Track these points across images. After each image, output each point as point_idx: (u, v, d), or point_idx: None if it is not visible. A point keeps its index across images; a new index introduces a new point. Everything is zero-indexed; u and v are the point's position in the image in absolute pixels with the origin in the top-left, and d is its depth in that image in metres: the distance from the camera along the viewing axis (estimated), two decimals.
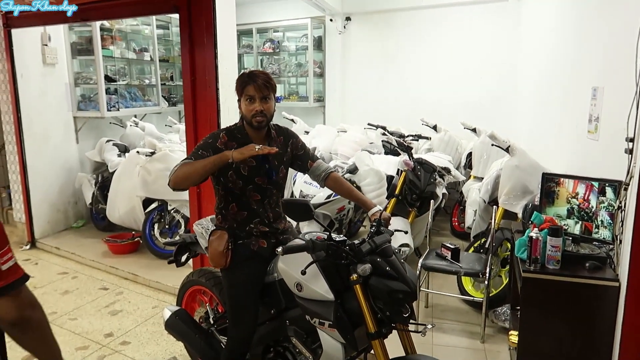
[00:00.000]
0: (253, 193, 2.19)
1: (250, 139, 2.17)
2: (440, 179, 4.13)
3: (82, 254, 4.77)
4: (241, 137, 2.18)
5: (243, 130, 2.19)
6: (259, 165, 2.19)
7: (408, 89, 6.58)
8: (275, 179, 2.25)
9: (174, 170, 2.04)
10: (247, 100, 2.11)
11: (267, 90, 2.11)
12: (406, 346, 2.00)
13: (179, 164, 2.05)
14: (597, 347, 2.38)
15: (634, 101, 2.18)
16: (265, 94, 2.11)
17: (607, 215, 2.47)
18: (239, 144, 2.13)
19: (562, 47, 4.03)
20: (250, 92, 2.10)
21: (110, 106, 5.56)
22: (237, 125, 2.22)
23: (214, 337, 2.58)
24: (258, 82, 2.09)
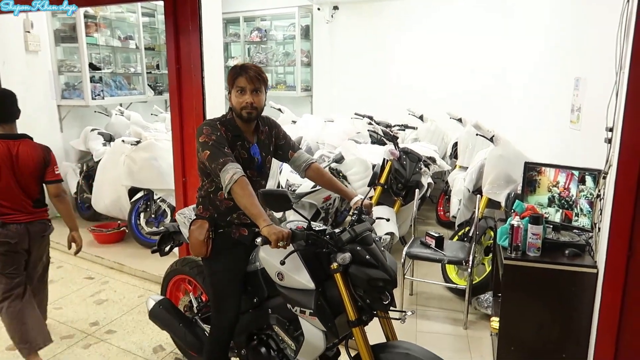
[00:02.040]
0: None
1: (241, 131, 2.15)
2: (425, 168, 4.15)
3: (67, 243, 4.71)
4: (232, 129, 2.15)
5: (233, 123, 2.16)
6: (250, 158, 2.18)
7: (396, 79, 6.58)
8: (263, 170, 2.26)
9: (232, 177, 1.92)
10: (238, 91, 2.09)
11: (258, 83, 2.09)
12: (387, 333, 2.02)
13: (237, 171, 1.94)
14: (575, 331, 2.44)
15: (614, 91, 2.20)
16: (256, 87, 2.08)
17: (586, 203, 2.51)
18: (233, 136, 2.13)
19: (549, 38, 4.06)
20: (242, 83, 2.07)
21: (95, 95, 5.49)
22: (227, 118, 2.18)
23: (197, 325, 2.59)
24: (250, 73, 2.06)
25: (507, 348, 2.57)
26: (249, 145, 2.18)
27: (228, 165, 1.96)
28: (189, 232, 2.26)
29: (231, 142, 2.12)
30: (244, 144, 2.17)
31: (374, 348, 1.88)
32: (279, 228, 1.81)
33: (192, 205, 2.61)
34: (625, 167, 2.11)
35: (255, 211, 1.89)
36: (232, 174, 1.94)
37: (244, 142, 2.17)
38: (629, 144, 2.09)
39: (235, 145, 2.14)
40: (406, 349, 1.84)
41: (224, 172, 1.96)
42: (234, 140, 2.14)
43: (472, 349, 2.99)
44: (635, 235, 2.12)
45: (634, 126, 2.07)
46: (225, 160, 1.98)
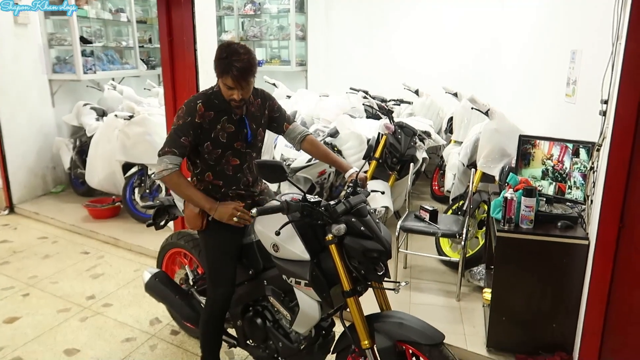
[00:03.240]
0: (232, 158, 2.17)
1: (228, 105, 2.10)
2: (420, 142, 4.15)
3: (61, 218, 4.74)
4: (219, 103, 2.10)
5: (220, 96, 2.10)
6: (238, 130, 2.15)
7: (391, 53, 6.51)
8: (253, 142, 2.23)
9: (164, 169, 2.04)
10: (226, 86, 2.02)
11: (245, 81, 2.00)
12: (381, 303, 2.04)
13: (170, 168, 2.04)
14: (565, 302, 2.48)
15: (609, 63, 2.19)
16: (244, 84, 2.01)
17: (579, 176, 2.53)
18: (216, 112, 2.08)
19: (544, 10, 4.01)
20: (229, 82, 1.99)
21: (87, 69, 5.42)
22: (215, 90, 2.12)
23: (193, 297, 2.61)
24: (236, 73, 1.95)
25: (498, 318, 2.62)
26: (236, 117, 2.14)
27: (165, 157, 2.05)
28: (183, 205, 2.26)
29: (213, 120, 2.08)
30: (231, 117, 2.13)
31: (368, 318, 1.91)
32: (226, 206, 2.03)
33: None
34: (619, 139, 2.11)
35: (199, 201, 2.08)
36: (163, 168, 2.04)
37: (231, 115, 2.12)
38: (624, 115, 2.09)
39: (220, 121, 2.10)
40: (400, 319, 1.87)
41: (160, 162, 2.06)
42: (219, 116, 2.10)
43: (464, 320, 3.04)
44: (627, 207, 2.14)
45: (629, 98, 2.06)
46: (167, 151, 2.05)
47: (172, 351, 2.78)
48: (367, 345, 1.86)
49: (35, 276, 3.66)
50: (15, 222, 4.87)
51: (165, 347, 2.82)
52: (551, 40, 3.67)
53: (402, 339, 1.82)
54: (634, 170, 2.11)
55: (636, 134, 2.08)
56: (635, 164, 2.10)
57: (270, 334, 2.22)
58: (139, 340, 2.89)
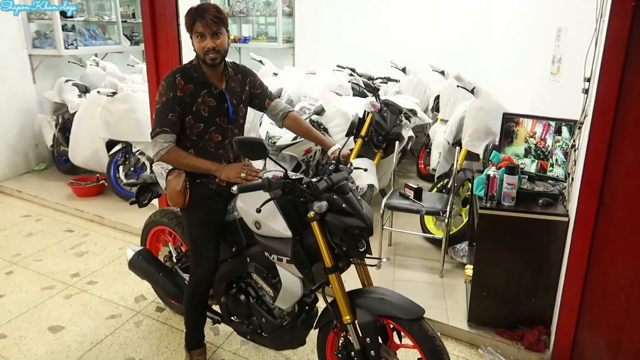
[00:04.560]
0: (214, 135, 2.16)
1: (207, 78, 2.11)
2: (406, 120, 4.15)
3: (45, 196, 4.69)
4: (198, 76, 2.10)
5: (199, 69, 2.11)
6: (219, 105, 2.14)
7: (379, 31, 6.44)
8: (235, 118, 2.22)
9: (161, 149, 2.03)
10: (198, 37, 2.02)
11: (216, 26, 2.00)
12: (363, 279, 2.06)
13: (165, 146, 2.03)
14: (545, 277, 2.53)
15: (593, 40, 2.19)
16: (215, 30, 2.01)
17: (561, 154, 2.55)
18: (195, 85, 2.08)
19: None
20: (199, 29, 2.00)
21: (68, 44, 5.29)
22: (193, 64, 2.13)
23: (177, 275, 2.62)
24: (207, 18, 1.98)
25: (479, 294, 2.66)
26: (216, 91, 2.13)
27: (159, 138, 2.03)
28: (166, 182, 2.24)
29: (193, 94, 2.08)
30: (211, 91, 2.12)
31: (349, 294, 1.93)
32: (234, 166, 1.99)
33: None
34: (600, 117, 2.13)
35: (204, 165, 2.06)
36: (159, 148, 2.03)
37: (211, 88, 2.12)
38: (605, 93, 2.09)
39: (200, 95, 2.10)
40: (381, 294, 1.89)
41: (154, 143, 2.04)
42: (198, 90, 2.09)
43: (446, 295, 3.09)
44: (607, 184, 2.17)
45: (611, 76, 2.07)
46: (159, 131, 2.04)
47: (157, 327, 2.80)
48: (348, 320, 1.89)
49: (19, 254, 3.64)
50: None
51: (150, 323, 2.84)
52: (537, 18, 3.66)
53: (382, 313, 1.85)
54: (614, 148, 2.13)
55: (617, 111, 2.09)
56: (615, 141, 2.12)
57: (253, 310, 2.23)
58: (124, 317, 2.89)
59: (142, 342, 2.67)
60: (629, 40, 2.01)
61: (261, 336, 2.26)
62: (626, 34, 2.01)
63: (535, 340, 2.52)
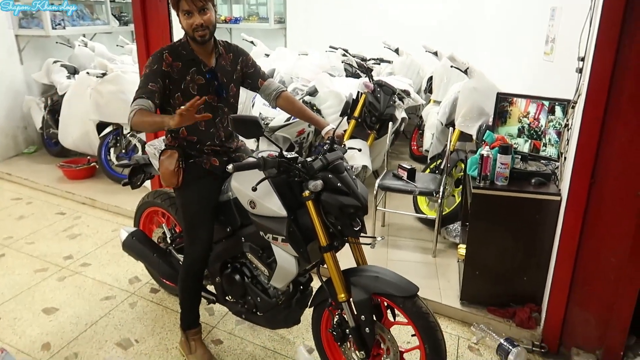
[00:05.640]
0: (204, 113, 2.13)
1: (196, 55, 2.08)
2: (399, 101, 4.13)
3: (36, 179, 4.65)
4: (187, 53, 2.08)
5: (188, 47, 2.08)
6: (208, 82, 2.12)
7: (372, 12, 6.36)
8: (226, 97, 2.20)
9: (131, 111, 1.91)
10: (185, 14, 1.98)
11: (202, 1, 1.96)
12: (357, 258, 2.08)
13: (135, 108, 1.91)
14: (537, 256, 2.56)
15: (587, 20, 2.18)
16: (201, 5, 1.97)
17: (554, 133, 2.56)
18: (184, 62, 2.06)
19: None
20: (185, 6, 1.96)
21: (56, 24, 5.20)
22: (182, 42, 2.10)
23: (171, 255, 2.61)
24: None
25: (472, 273, 2.69)
26: (205, 68, 2.11)
27: (134, 103, 1.93)
28: (159, 162, 2.23)
29: (181, 71, 2.05)
30: (200, 68, 2.10)
31: (344, 273, 1.94)
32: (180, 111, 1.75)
33: (162, 137, 2.56)
34: (593, 96, 2.13)
35: (159, 119, 1.87)
36: (130, 111, 1.91)
37: (200, 65, 2.10)
38: (599, 72, 2.09)
39: (189, 72, 2.07)
40: (375, 272, 1.91)
41: (130, 110, 1.93)
42: (187, 67, 2.07)
43: (439, 274, 3.12)
44: (599, 163, 2.18)
45: (605, 55, 2.06)
46: (136, 97, 1.95)
47: (152, 308, 2.81)
48: (343, 298, 1.90)
49: (11, 237, 3.62)
50: None
51: (145, 304, 2.84)
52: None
53: (377, 291, 1.86)
54: (607, 127, 2.13)
55: (610, 91, 2.09)
56: (608, 120, 2.12)
57: (248, 290, 2.24)
58: (119, 298, 2.90)
59: (137, 323, 2.68)
60: (623, 18, 2.01)
61: (256, 315, 2.28)
62: (621, 12, 2.00)
63: (526, 318, 2.56)
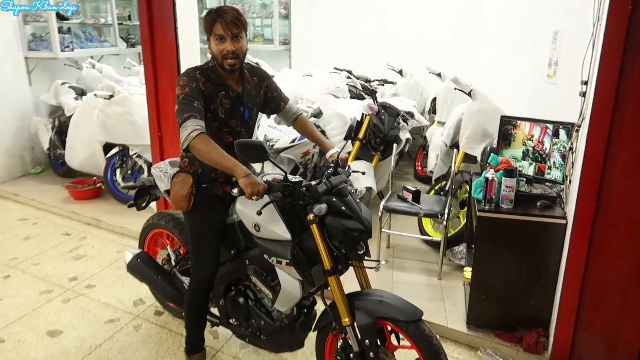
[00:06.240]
0: (226, 135, 2.12)
1: (224, 80, 2.07)
2: (403, 123, 4.16)
3: (42, 200, 4.67)
4: (215, 78, 2.05)
5: (216, 71, 2.06)
6: (234, 107, 2.11)
7: (376, 32, 6.45)
8: (248, 121, 2.20)
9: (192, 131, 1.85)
10: (217, 39, 1.97)
11: (237, 29, 1.96)
12: (361, 282, 2.07)
13: (196, 129, 1.85)
14: (543, 280, 2.53)
15: (590, 43, 2.21)
16: (235, 33, 1.96)
17: (559, 156, 2.56)
18: (213, 86, 2.04)
19: None
20: (219, 31, 1.95)
21: (64, 46, 5.29)
22: (210, 65, 2.08)
23: (176, 277, 2.61)
24: (226, 18, 1.94)
25: (478, 296, 2.67)
26: (233, 94, 2.10)
27: (188, 122, 1.87)
28: (171, 184, 2.22)
29: (212, 93, 2.04)
30: (228, 93, 2.08)
31: (348, 296, 1.93)
32: (256, 180, 1.79)
33: (168, 159, 2.58)
34: (597, 120, 2.14)
35: (229, 163, 1.83)
36: (190, 130, 1.85)
37: (228, 90, 2.08)
38: (602, 96, 2.11)
39: (218, 95, 2.05)
40: (379, 296, 1.90)
41: (183, 129, 1.87)
42: (216, 90, 2.05)
43: (445, 297, 3.10)
44: (604, 186, 2.18)
45: (608, 79, 2.08)
46: (188, 116, 1.88)
47: (156, 331, 2.79)
48: (347, 322, 1.89)
49: (16, 258, 3.62)
50: None
51: (149, 327, 2.83)
52: (534, 20, 3.67)
53: (381, 315, 1.85)
54: (611, 151, 2.14)
55: (614, 114, 2.10)
56: (613, 144, 2.13)
57: (252, 313, 2.23)
58: (123, 320, 2.88)
59: (141, 346, 2.66)
60: (625, 44, 2.03)
61: (260, 339, 2.26)
62: (623, 37, 2.03)
63: (533, 342, 2.53)
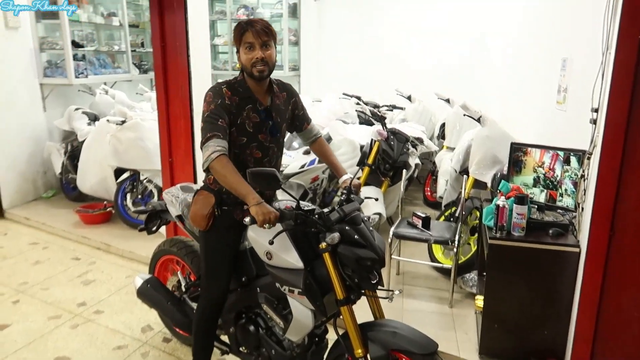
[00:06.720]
0: (255, 151, 2.11)
1: (252, 92, 2.08)
2: (413, 148, 4.17)
3: (52, 224, 4.70)
4: (243, 90, 2.07)
5: (244, 84, 2.08)
6: (263, 121, 2.11)
7: (384, 58, 6.54)
8: (278, 137, 2.19)
9: (213, 152, 1.88)
10: (247, 48, 1.99)
11: (266, 36, 1.98)
12: (375, 311, 2.05)
13: (217, 150, 1.88)
14: (557, 309, 2.49)
15: (600, 72, 2.22)
16: (265, 40, 1.98)
17: (570, 183, 2.55)
18: (240, 98, 2.05)
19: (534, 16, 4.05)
20: (249, 38, 1.98)
21: (79, 73, 5.39)
22: (238, 79, 2.10)
23: (186, 304, 2.59)
24: (257, 27, 1.97)
25: (490, 325, 2.63)
26: (261, 107, 2.10)
27: (210, 142, 1.90)
28: (192, 200, 2.22)
29: (238, 106, 2.04)
30: (256, 107, 2.08)
31: (362, 327, 1.91)
32: (267, 208, 1.79)
33: (179, 184, 2.61)
34: (609, 148, 2.14)
35: (243, 190, 1.85)
36: (211, 152, 1.88)
37: (256, 104, 2.08)
38: (614, 124, 2.11)
39: (244, 109, 2.06)
40: (394, 327, 1.87)
41: (205, 149, 1.91)
42: (243, 104, 2.06)
43: (457, 326, 3.05)
44: (618, 215, 2.16)
45: (619, 107, 2.09)
46: (210, 136, 1.91)
47: (164, 358, 2.77)
48: (360, 354, 1.86)
49: (26, 282, 3.63)
50: (6, 227, 4.82)
51: (157, 354, 2.80)
52: (542, 47, 3.70)
53: (395, 347, 1.82)
54: (624, 179, 2.13)
55: (626, 143, 2.10)
56: (625, 172, 2.12)
57: (263, 341, 2.21)
58: (131, 347, 2.86)
59: None
60: (635, 72, 2.04)
61: None
62: (632, 66, 2.04)
63: None
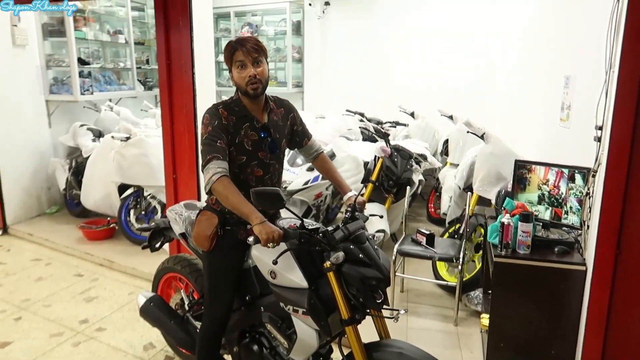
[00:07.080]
0: (256, 169, 2.12)
1: (248, 111, 2.09)
2: (416, 165, 4.17)
3: (56, 240, 4.70)
4: (239, 109, 2.08)
5: (240, 103, 2.09)
6: (261, 139, 2.11)
7: (387, 75, 6.57)
8: (277, 153, 2.19)
9: (214, 174, 1.89)
10: (239, 67, 2.00)
11: (257, 53, 1.99)
12: (380, 331, 2.02)
13: (218, 172, 1.89)
14: (563, 328, 2.46)
15: (603, 90, 2.23)
16: (255, 57, 1.99)
17: (575, 201, 2.54)
18: (237, 117, 2.06)
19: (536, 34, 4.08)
20: (240, 57, 1.99)
21: (84, 90, 5.44)
22: (233, 99, 2.11)
23: (189, 322, 2.58)
24: (247, 45, 1.99)
25: (496, 344, 2.60)
26: (259, 124, 2.11)
27: (210, 164, 1.91)
28: (195, 220, 2.22)
29: (236, 125, 2.05)
30: (253, 124, 2.09)
31: (367, 346, 1.89)
32: (271, 227, 1.79)
33: (183, 202, 2.61)
34: (614, 166, 2.13)
35: (246, 210, 1.85)
36: (211, 174, 1.89)
37: (253, 122, 2.09)
38: (618, 142, 2.11)
39: (242, 128, 2.06)
40: (399, 348, 1.85)
41: (206, 171, 1.92)
42: (240, 123, 2.06)
43: (462, 345, 3.02)
44: (624, 233, 2.15)
45: (623, 125, 2.09)
46: (210, 158, 1.93)
47: None
48: None
49: (28, 299, 3.61)
50: (9, 243, 4.82)
51: None
52: (545, 65, 3.72)
53: None
54: (629, 197, 2.12)
55: (631, 160, 2.10)
56: (630, 190, 2.11)
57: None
58: None
59: None
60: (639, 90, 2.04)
61: None
62: (636, 84, 2.05)
63: None
